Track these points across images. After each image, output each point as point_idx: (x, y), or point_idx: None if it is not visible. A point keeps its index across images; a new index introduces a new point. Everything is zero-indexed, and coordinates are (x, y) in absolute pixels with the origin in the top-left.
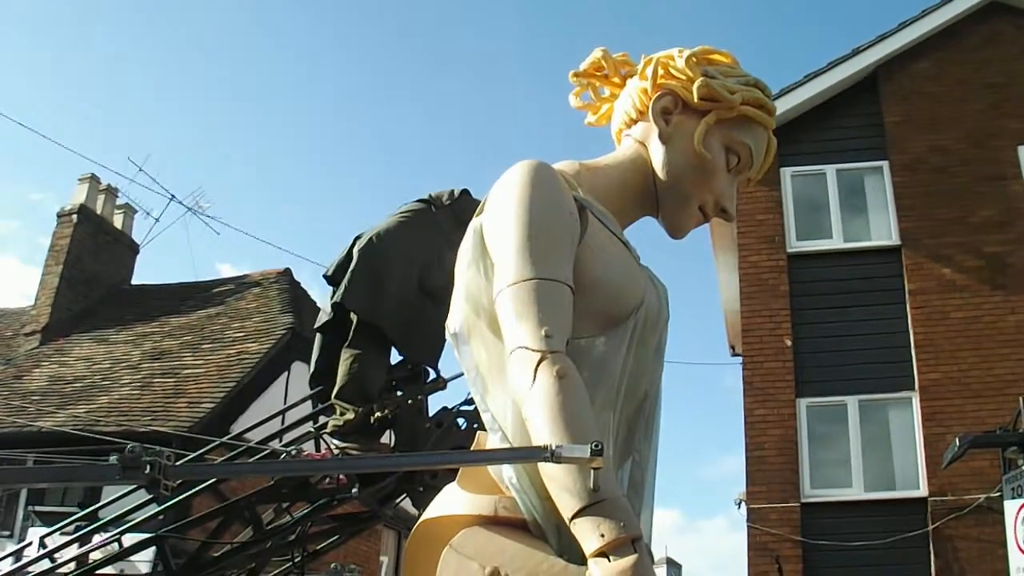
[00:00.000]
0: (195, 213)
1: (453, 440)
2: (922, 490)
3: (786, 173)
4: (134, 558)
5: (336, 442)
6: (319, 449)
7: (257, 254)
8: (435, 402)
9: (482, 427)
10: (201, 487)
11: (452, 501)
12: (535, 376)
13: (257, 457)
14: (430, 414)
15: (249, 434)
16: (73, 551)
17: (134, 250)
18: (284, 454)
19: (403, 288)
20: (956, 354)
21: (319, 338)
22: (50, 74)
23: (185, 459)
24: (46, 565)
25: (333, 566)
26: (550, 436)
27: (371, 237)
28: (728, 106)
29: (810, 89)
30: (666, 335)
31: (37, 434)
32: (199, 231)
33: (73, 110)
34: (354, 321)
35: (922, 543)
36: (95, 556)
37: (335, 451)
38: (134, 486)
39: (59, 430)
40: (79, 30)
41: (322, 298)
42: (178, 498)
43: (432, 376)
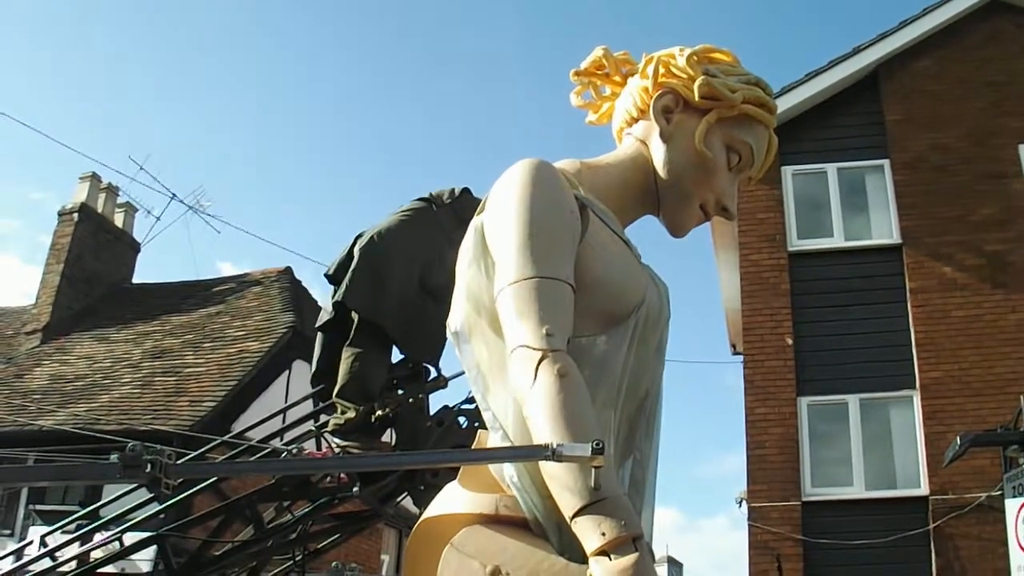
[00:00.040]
0: (196, 212)
1: (454, 439)
2: (923, 489)
3: (787, 171)
4: (135, 557)
5: (337, 440)
6: (320, 448)
7: (258, 253)
8: (436, 400)
9: (483, 425)
10: (202, 486)
11: (453, 500)
12: (536, 375)
13: (258, 456)
14: (431, 413)
15: (250, 433)
16: (74, 550)
17: (135, 249)
18: (285, 453)
19: (404, 287)
20: (957, 352)
21: (320, 337)
22: (51, 73)
23: (186, 458)
24: (47, 564)
25: (334, 565)
26: (551, 435)
27: (372, 236)
28: (729, 104)
29: (811, 87)
30: (667, 333)
31: (38, 433)
32: (200, 230)
33: (74, 109)
34: (355, 320)
35: (923, 542)
36: (96, 555)
37: (336, 450)
38: (135, 485)
39: (60, 429)
40: (80, 29)
41: (323, 297)
42: (179, 497)
43: (433, 375)
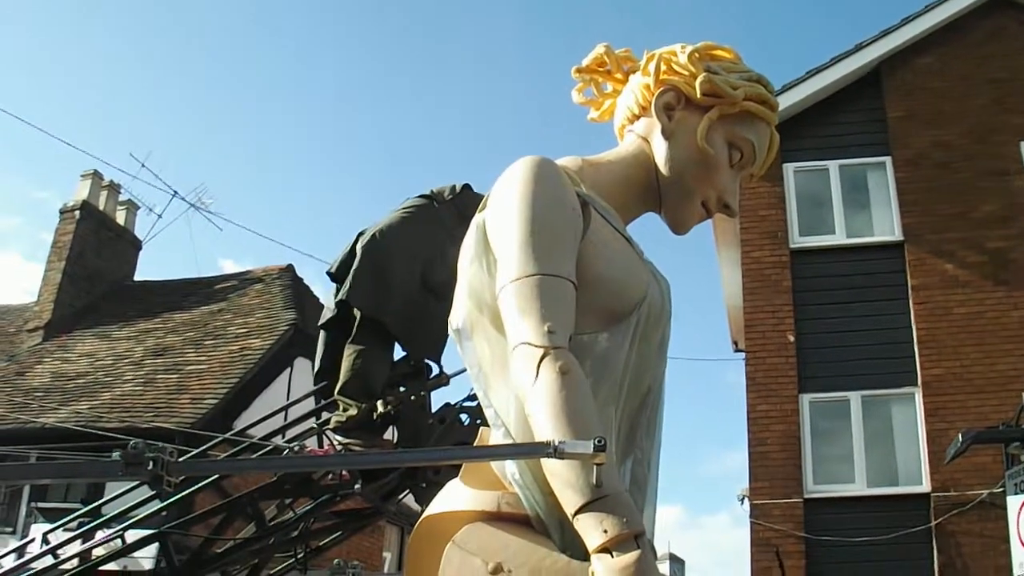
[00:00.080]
0: (197, 209)
1: (456, 436)
2: (925, 486)
3: (789, 169)
4: (137, 554)
5: (339, 438)
6: (322, 445)
7: (259, 250)
8: (438, 398)
9: (485, 423)
10: (204, 483)
11: (455, 497)
12: (538, 372)
13: (260, 453)
14: (433, 410)
15: (252, 430)
16: (76, 547)
17: (136, 246)
18: (287, 450)
19: (406, 284)
20: (959, 350)
21: (323, 335)
22: (52, 71)
23: (188, 455)
24: (49, 561)
25: (336, 562)
26: (553, 432)
27: (374, 233)
28: (731, 102)
29: (813, 84)
30: (669, 330)
31: (40, 430)
32: (201, 227)
33: (75, 107)
34: (357, 317)
35: (925, 539)
36: (98, 552)
37: (338, 447)
38: (137, 482)
39: (62, 426)
40: (80, 27)
41: (325, 294)
42: (181, 494)
43: (435, 372)
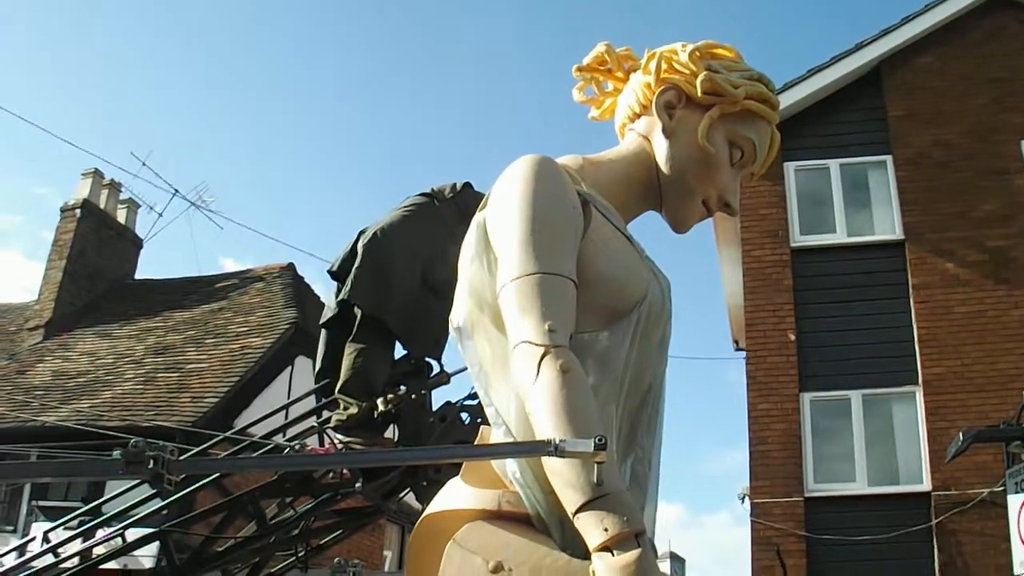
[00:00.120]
0: (198, 208)
1: (457, 435)
2: (925, 484)
3: (789, 167)
4: (137, 553)
5: (340, 437)
6: (323, 444)
7: (260, 249)
8: (439, 396)
9: (486, 421)
10: (205, 482)
11: (456, 496)
12: (538, 371)
13: (261, 452)
14: (434, 409)
15: (253, 429)
16: (77, 546)
17: (137, 245)
18: (287, 449)
19: (407, 282)
20: (960, 348)
21: (324, 334)
22: (53, 70)
23: (188, 454)
24: (50, 560)
25: (336, 561)
26: (553, 431)
27: (375, 232)
28: (731, 100)
29: (813, 83)
30: (670, 329)
31: (40, 429)
32: (202, 226)
33: (76, 105)
34: (358, 316)
35: (925, 537)
36: (99, 551)
37: (339, 446)
38: (137, 481)
39: (62, 425)
40: (80, 25)
41: (325, 293)
42: (181, 493)
43: (436, 370)
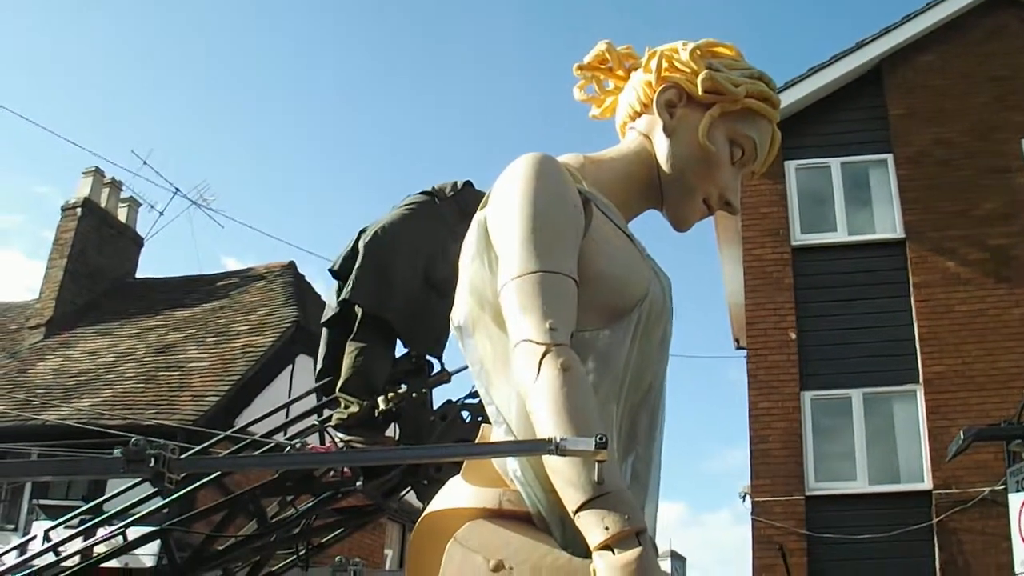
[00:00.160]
0: (199, 206)
1: (457, 433)
2: (926, 483)
3: (790, 166)
4: (138, 551)
5: (340, 435)
6: (323, 442)
7: (261, 247)
8: (439, 395)
9: (486, 420)
10: (205, 480)
11: (456, 494)
12: (539, 369)
13: (262, 450)
14: (434, 407)
15: (253, 427)
16: (77, 544)
17: (138, 243)
18: (288, 447)
19: (408, 280)
20: (960, 347)
21: (325, 333)
22: (53, 69)
23: (189, 452)
24: (50, 559)
25: (337, 559)
26: (554, 429)
27: (376, 231)
28: (732, 99)
29: (814, 82)
30: (671, 327)
31: (41, 427)
32: (203, 224)
33: (77, 104)
34: (359, 314)
35: (926, 536)
36: (99, 549)
37: (339, 444)
38: (138, 479)
39: (63, 424)
40: (80, 24)
41: (326, 291)
42: (182, 491)
43: (436, 369)
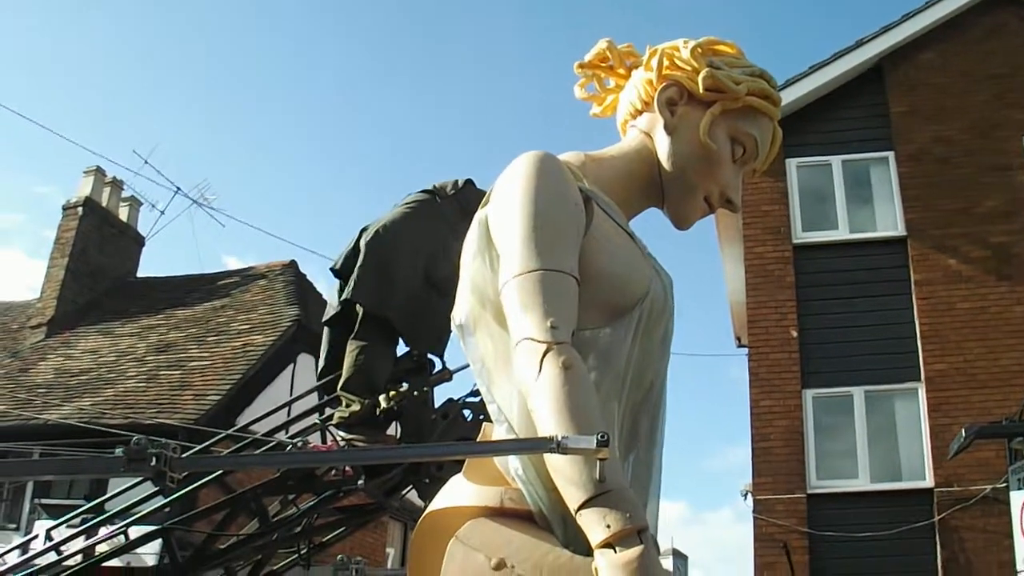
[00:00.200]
0: (200, 205)
1: (459, 431)
2: (928, 481)
3: (791, 164)
4: (140, 550)
5: (342, 434)
6: (325, 441)
7: (262, 246)
8: (441, 394)
9: (488, 418)
10: (207, 479)
11: (458, 493)
12: (541, 367)
13: (263, 449)
14: (436, 406)
15: (255, 426)
16: (79, 543)
17: (139, 243)
18: (290, 446)
19: (409, 279)
20: (962, 345)
21: (327, 332)
22: (54, 68)
23: (191, 451)
24: (52, 558)
25: (339, 558)
26: (556, 427)
27: (377, 229)
28: (733, 97)
29: (815, 80)
30: (672, 325)
31: (43, 427)
32: (204, 223)
33: (78, 104)
34: (360, 313)
35: (928, 534)
36: (101, 548)
37: (341, 443)
38: (140, 478)
39: (65, 423)
40: (82, 25)
41: (328, 290)
42: (184, 490)
43: (438, 368)
